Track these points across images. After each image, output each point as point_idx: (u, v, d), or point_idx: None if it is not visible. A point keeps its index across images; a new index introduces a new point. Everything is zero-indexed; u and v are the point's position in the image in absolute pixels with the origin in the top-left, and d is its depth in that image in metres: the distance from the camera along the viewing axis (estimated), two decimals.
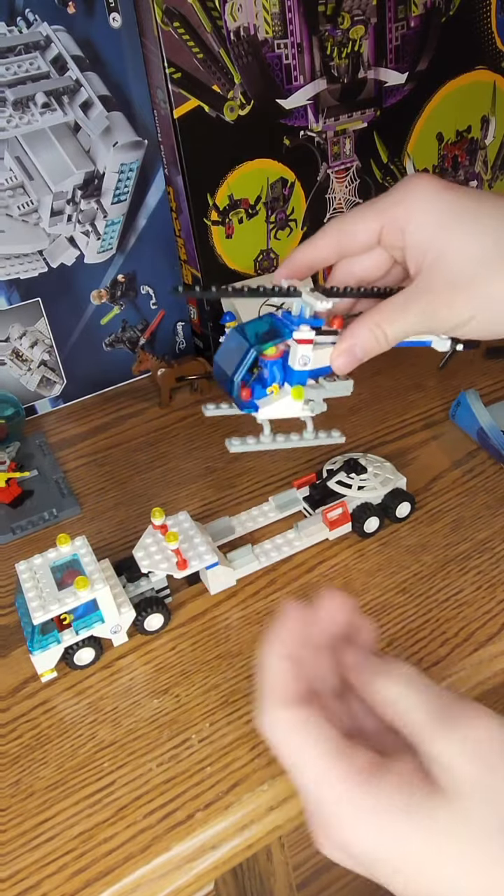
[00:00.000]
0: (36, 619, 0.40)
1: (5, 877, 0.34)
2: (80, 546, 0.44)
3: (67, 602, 0.40)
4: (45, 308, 0.65)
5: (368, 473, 0.51)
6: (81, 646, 0.42)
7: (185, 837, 0.34)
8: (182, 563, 0.44)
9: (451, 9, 0.68)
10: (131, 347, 0.72)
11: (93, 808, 0.36)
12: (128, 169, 0.63)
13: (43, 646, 0.41)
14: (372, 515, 0.49)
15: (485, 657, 0.41)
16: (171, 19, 0.56)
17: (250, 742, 0.38)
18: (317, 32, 0.62)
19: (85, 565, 0.43)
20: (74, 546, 0.44)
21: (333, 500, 0.50)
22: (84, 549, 0.44)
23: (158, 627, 0.45)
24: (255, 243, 0.69)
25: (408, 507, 0.51)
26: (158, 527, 0.46)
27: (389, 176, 0.74)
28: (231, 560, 0.48)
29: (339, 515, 0.49)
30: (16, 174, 0.59)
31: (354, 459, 0.51)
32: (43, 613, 0.40)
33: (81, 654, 0.43)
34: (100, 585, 0.41)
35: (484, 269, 0.33)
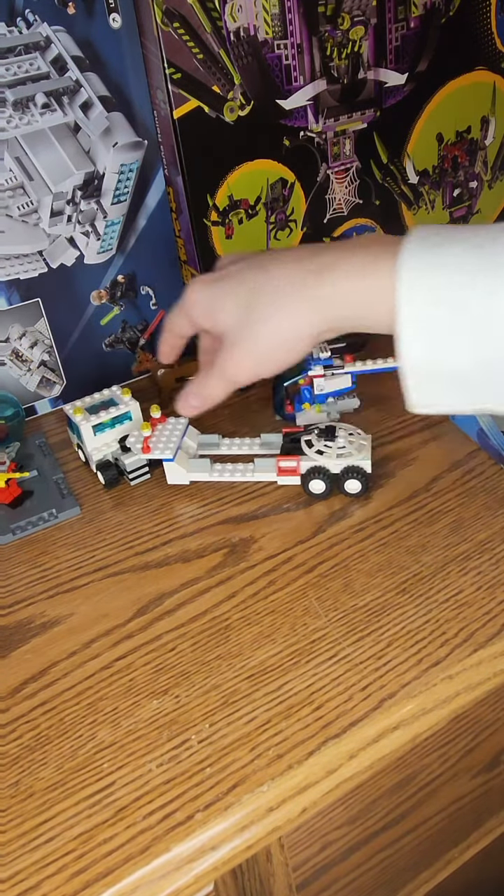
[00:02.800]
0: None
1: (5, 877, 0.34)
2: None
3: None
4: (45, 308, 0.65)
5: (335, 443, 0.54)
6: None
7: (184, 838, 0.34)
8: (146, 448, 0.55)
9: (451, 9, 0.68)
10: (131, 348, 0.72)
11: (92, 808, 0.36)
12: (128, 169, 0.63)
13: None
14: (319, 479, 0.53)
15: (485, 657, 0.41)
16: (171, 20, 0.56)
17: (250, 743, 0.38)
18: (317, 33, 0.62)
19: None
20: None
21: (297, 453, 0.55)
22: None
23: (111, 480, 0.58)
24: (255, 244, 0.69)
25: (357, 486, 0.53)
26: (156, 420, 0.57)
27: (389, 176, 0.74)
28: (190, 466, 0.56)
29: (289, 467, 0.54)
30: (16, 174, 0.59)
31: (335, 427, 0.56)
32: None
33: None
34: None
35: (242, 330, 0.45)
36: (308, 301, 0.43)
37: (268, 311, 0.44)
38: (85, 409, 0.58)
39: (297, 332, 0.44)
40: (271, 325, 0.44)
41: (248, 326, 0.45)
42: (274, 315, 0.44)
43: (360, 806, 0.57)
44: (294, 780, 0.36)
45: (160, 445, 0.56)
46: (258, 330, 0.44)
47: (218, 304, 0.46)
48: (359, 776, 0.37)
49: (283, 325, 0.44)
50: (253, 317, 0.44)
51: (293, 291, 0.43)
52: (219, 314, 0.46)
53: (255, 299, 0.44)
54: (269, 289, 0.44)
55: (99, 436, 0.58)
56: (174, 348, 0.54)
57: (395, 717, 0.38)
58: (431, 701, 0.39)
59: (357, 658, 0.41)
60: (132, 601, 0.48)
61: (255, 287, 0.45)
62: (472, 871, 0.71)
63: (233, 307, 0.45)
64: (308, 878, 0.57)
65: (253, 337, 0.45)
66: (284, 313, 0.43)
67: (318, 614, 0.44)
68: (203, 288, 0.47)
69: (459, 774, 0.63)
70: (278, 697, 0.40)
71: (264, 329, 0.44)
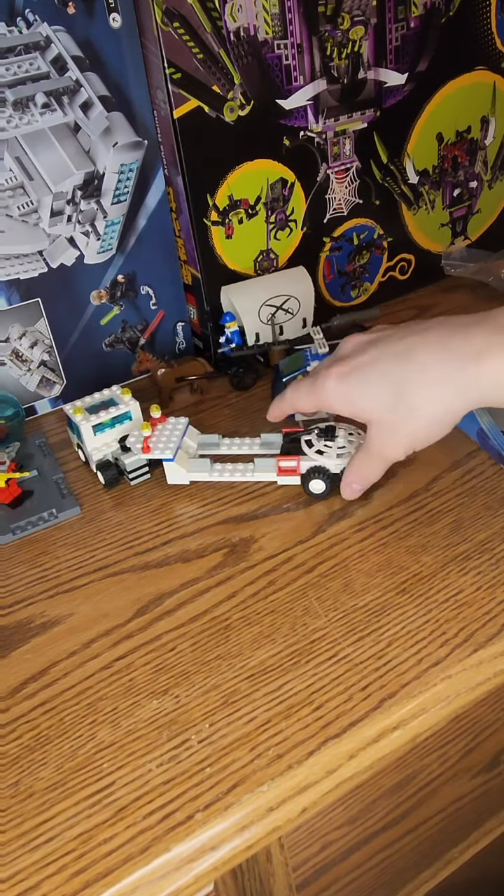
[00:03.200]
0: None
1: (5, 877, 0.34)
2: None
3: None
4: (45, 308, 0.65)
5: (335, 443, 0.54)
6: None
7: (184, 838, 0.34)
8: (146, 448, 0.55)
9: (451, 9, 0.68)
10: (131, 348, 0.72)
11: (92, 808, 0.36)
12: (128, 169, 0.63)
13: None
14: (319, 479, 0.53)
15: (485, 658, 0.41)
16: (171, 20, 0.56)
17: (250, 743, 0.38)
18: (317, 33, 0.62)
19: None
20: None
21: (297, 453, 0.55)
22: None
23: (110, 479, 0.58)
24: (255, 244, 0.69)
25: None
26: (156, 420, 0.57)
27: (389, 176, 0.74)
28: (190, 466, 0.56)
29: (289, 467, 0.54)
30: (16, 174, 0.59)
31: (334, 427, 0.55)
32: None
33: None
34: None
35: (394, 415, 0.46)
36: (466, 390, 0.43)
37: (422, 402, 0.45)
38: (85, 408, 0.58)
39: (456, 415, 0.45)
40: (427, 413, 0.45)
41: (402, 415, 0.46)
42: (428, 404, 0.44)
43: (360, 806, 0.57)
44: (294, 780, 0.36)
45: (160, 445, 0.56)
46: (414, 418, 0.45)
47: (360, 397, 0.47)
48: (359, 776, 0.37)
49: (438, 411, 0.45)
50: (404, 405, 0.45)
51: (449, 382, 0.43)
52: (362, 405, 0.47)
53: (407, 390, 0.45)
54: (420, 381, 0.44)
55: (99, 436, 0.58)
56: (285, 415, 0.56)
57: (395, 717, 0.38)
58: (431, 701, 0.39)
59: (357, 658, 0.41)
60: (132, 601, 0.48)
61: (404, 379, 0.45)
62: (472, 871, 0.71)
63: (378, 400, 0.46)
64: (308, 878, 0.57)
65: (408, 423, 0.46)
66: (441, 402, 0.44)
67: (318, 614, 0.44)
68: (340, 384, 0.48)
69: (459, 774, 0.63)
70: (278, 697, 0.40)
71: (420, 418, 0.45)
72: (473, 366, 0.42)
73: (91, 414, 0.58)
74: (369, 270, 0.78)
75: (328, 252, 0.74)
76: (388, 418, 0.46)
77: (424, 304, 0.80)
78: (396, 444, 0.47)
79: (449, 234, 0.82)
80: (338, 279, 0.76)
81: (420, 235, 0.79)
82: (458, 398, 0.44)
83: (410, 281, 0.82)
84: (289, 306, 0.68)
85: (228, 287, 0.68)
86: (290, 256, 0.72)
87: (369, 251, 0.77)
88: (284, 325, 0.69)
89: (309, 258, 0.73)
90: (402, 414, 0.46)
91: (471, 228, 0.83)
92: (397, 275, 0.81)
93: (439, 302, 0.80)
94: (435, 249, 0.82)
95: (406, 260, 0.80)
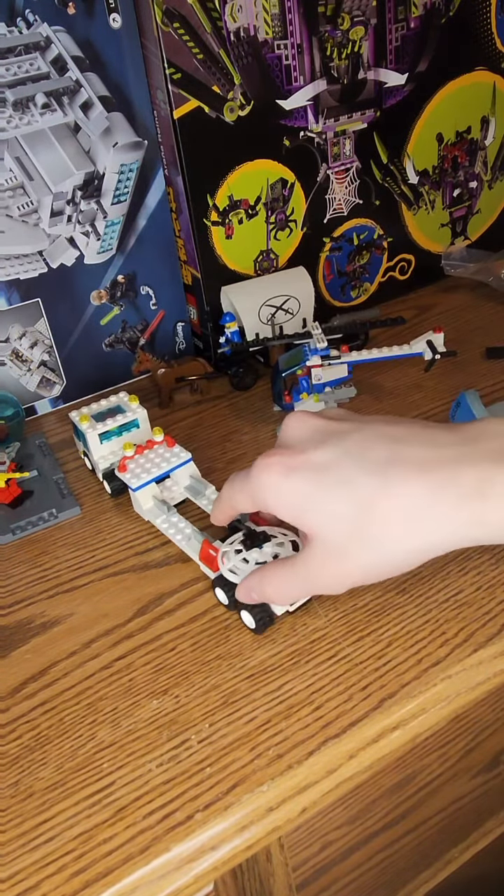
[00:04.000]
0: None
1: (5, 877, 0.34)
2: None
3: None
4: (45, 308, 0.65)
5: (254, 557, 0.44)
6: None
7: (184, 838, 0.34)
8: (122, 467, 0.53)
9: (451, 9, 0.68)
10: (131, 348, 0.72)
11: (92, 808, 0.36)
12: (128, 169, 0.63)
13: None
14: (222, 590, 0.45)
15: (485, 658, 0.41)
16: (171, 20, 0.56)
17: (250, 743, 0.38)
18: (317, 33, 0.62)
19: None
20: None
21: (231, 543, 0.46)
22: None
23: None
24: (255, 244, 0.69)
25: (251, 622, 0.43)
26: (153, 442, 0.55)
27: (389, 177, 0.74)
28: (148, 507, 0.53)
29: (212, 556, 0.46)
30: (16, 175, 0.59)
31: (265, 533, 0.45)
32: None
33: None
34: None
35: (349, 542, 0.37)
36: (465, 529, 0.35)
37: (398, 535, 0.36)
38: (91, 416, 0.58)
39: (438, 553, 0.37)
40: (399, 549, 0.37)
41: (362, 544, 0.37)
42: (406, 540, 0.36)
43: (360, 806, 0.57)
44: (294, 780, 0.36)
45: (137, 471, 0.53)
46: (378, 552, 0.37)
47: (308, 504, 0.37)
48: (359, 776, 0.37)
49: (417, 548, 0.37)
50: (369, 534, 0.36)
51: (441, 517, 0.35)
52: (310, 516, 0.38)
53: (376, 516, 0.36)
54: (397, 508, 0.36)
55: (105, 444, 0.57)
56: (230, 518, 0.46)
57: (394, 717, 0.38)
58: (431, 701, 0.39)
59: (357, 658, 0.41)
60: (132, 601, 0.48)
61: (373, 501, 0.36)
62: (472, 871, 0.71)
63: (332, 517, 0.37)
64: (308, 878, 0.57)
65: (367, 556, 0.37)
66: (425, 539, 0.36)
67: (317, 614, 0.44)
68: (283, 481, 0.38)
69: (459, 775, 0.63)
70: (278, 697, 0.40)
71: (388, 553, 0.37)
72: (477, 501, 0.35)
73: (98, 422, 0.57)
74: (369, 270, 0.78)
75: (328, 252, 0.74)
76: (341, 543, 0.37)
77: (424, 304, 0.80)
78: (342, 575, 0.38)
79: (449, 235, 0.82)
80: (338, 279, 0.76)
81: (420, 236, 0.79)
82: (450, 537, 0.36)
83: (410, 281, 0.82)
84: (289, 306, 0.68)
85: (228, 287, 0.68)
86: (290, 257, 0.72)
87: (369, 251, 0.77)
88: (284, 325, 0.69)
89: (309, 258, 0.73)
90: (364, 543, 0.37)
91: (471, 228, 0.83)
92: (397, 275, 0.81)
93: (439, 302, 0.80)
94: (435, 250, 0.82)
95: (406, 260, 0.80)
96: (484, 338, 0.72)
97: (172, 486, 0.55)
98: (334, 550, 0.37)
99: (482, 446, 0.36)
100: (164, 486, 0.55)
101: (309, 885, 0.58)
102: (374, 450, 0.37)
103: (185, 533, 0.51)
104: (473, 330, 0.74)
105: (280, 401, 0.63)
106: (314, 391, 0.61)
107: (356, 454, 0.37)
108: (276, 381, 0.63)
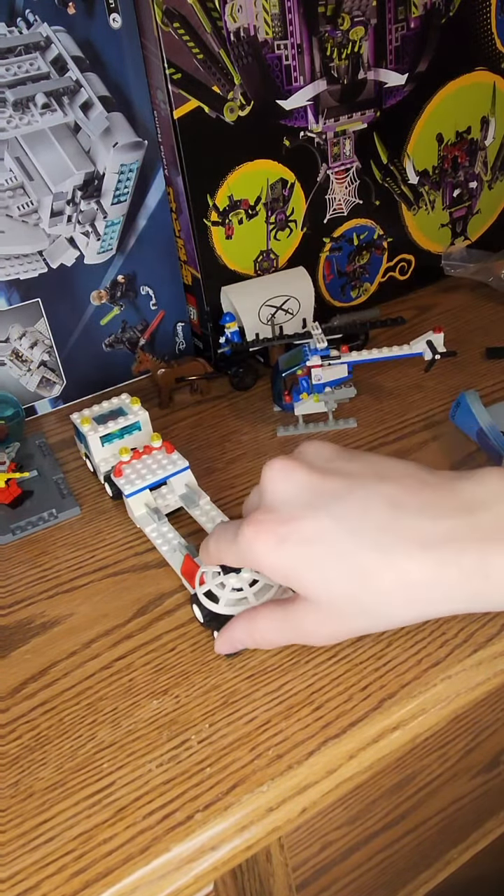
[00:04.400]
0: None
1: (5, 878, 0.34)
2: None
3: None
4: (45, 309, 0.65)
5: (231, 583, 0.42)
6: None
7: (184, 838, 0.34)
8: (117, 472, 0.53)
9: (451, 9, 0.68)
10: (131, 348, 0.72)
11: (92, 808, 0.36)
12: (128, 169, 0.63)
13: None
14: (199, 609, 0.44)
15: (485, 658, 0.41)
16: (171, 20, 0.56)
17: (250, 743, 0.38)
18: (317, 33, 0.62)
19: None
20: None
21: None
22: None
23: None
24: (255, 244, 0.69)
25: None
26: (150, 448, 0.54)
27: (389, 177, 0.74)
28: (139, 513, 0.53)
29: (191, 571, 0.46)
30: (16, 175, 0.59)
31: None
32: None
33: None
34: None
35: (344, 604, 0.36)
36: (464, 605, 0.36)
37: (398, 606, 0.36)
38: (93, 418, 0.57)
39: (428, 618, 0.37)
40: (400, 618, 0.37)
41: (364, 612, 0.37)
42: (406, 612, 0.36)
43: (359, 806, 0.57)
44: (294, 781, 0.36)
45: (132, 476, 0.52)
46: (379, 620, 0.37)
47: (306, 574, 0.36)
48: (359, 776, 0.37)
49: (417, 619, 0.37)
50: (371, 603, 0.36)
51: (442, 595, 0.35)
52: (308, 585, 0.37)
53: (379, 588, 0.35)
54: (399, 588, 0.35)
55: (107, 446, 0.57)
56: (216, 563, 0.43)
57: (394, 717, 0.38)
58: (431, 701, 0.39)
59: (357, 658, 0.41)
60: (132, 601, 0.48)
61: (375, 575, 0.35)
62: (471, 871, 0.71)
63: (329, 586, 0.36)
64: (308, 879, 0.57)
65: (369, 623, 0.38)
66: (423, 612, 0.36)
67: None
68: (274, 549, 0.37)
69: (459, 775, 0.63)
70: (278, 697, 0.40)
71: (387, 620, 0.37)
72: (479, 580, 0.34)
73: (99, 424, 0.56)
74: (369, 271, 0.78)
75: (328, 252, 0.74)
76: (338, 608, 0.37)
77: (424, 305, 0.80)
78: (336, 635, 0.39)
79: (449, 235, 0.82)
80: (338, 279, 0.76)
81: (420, 236, 0.79)
82: (450, 608, 0.36)
83: (410, 281, 0.82)
84: (289, 307, 0.68)
85: (228, 287, 0.68)
86: (290, 257, 0.72)
87: (369, 251, 0.77)
88: (284, 325, 0.69)
89: (309, 258, 0.73)
90: (362, 610, 0.36)
91: (471, 229, 0.83)
92: (397, 275, 0.81)
93: (439, 302, 0.80)
94: (435, 250, 0.82)
95: (406, 260, 0.80)
96: (484, 338, 0.72)
97: (168, 493, 0.54)
98: (331, 613, 0.37)
99: (482, 518, 0.35)
100: (158, 493, 0.54)
101: (309, 886, 0.58)
102: (370, 518, 0.36)
103: (171, 544, 0.50)
104: (473, 330, 0.74)
105: (280, 401, 0.63)
106: (314, 391, 0.61)
107: (351, 524, 0.36)
108: (276, 382, 0.63)
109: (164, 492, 0.54)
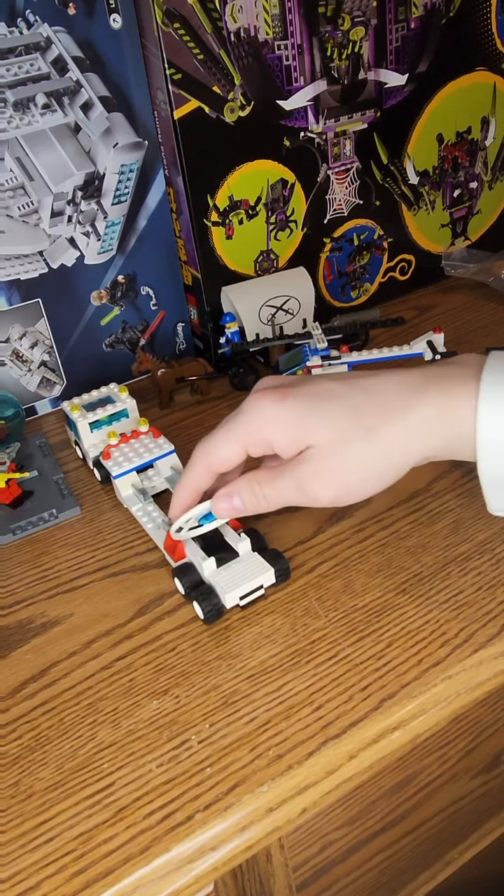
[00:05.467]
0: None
1: (5, 878, 0.34)
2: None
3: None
4: (46, 309, 0.65)
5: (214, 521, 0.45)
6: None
7: (184, 838, 0.34)
8: (106, 455, 0.55)
9: (451, 10, 0.68)
10: (131, 348, 0.72)
11: (92, 809, 0.36)
12: (128, 170, 0.63)
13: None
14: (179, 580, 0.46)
15: (485, 658, 0.41)
16: (172, 20, 0.56)
17: (250, 743, 0.38)
18: (317, 34, 0.62)
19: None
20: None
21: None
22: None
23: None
24: (256, 244, 0.69)
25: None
26: (138, 432, 0.56)
27: (389, 177, 0.74)
28: (127, 494, 0.55)
29: (172, 545, 0.48)
30: (16, 175, 0.59)
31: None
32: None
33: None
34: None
35: (338, 458, 0.40)
36: (419, 424, 0.39)
37: (388, 437, 0.40)
38: (82, 406, 0.59)
39: (406, 460, 0.41)
40: (396, 468, 0.41)
41: (364, 435, 0.40)
42: (390, 439, 0.40)
43: (359, 806, 0.57)
44: (294, 781, 0.36)
45: (120, 458, 0.55)
46: (371, 442, 0.40)
47: (310, 418, 0.40)
48: (359, 777, 0.37)
49: (399, 449, 0.40)
50: (362, 427, 0.40)
51: (423, 418, 0.39)
52: (313, 427, 0.40)
53: (363, 413, 0.40)
54: (385, 409, 0.40)
55: (95, 432, 0.59)
56: (195, 496, 0.46)
57: (395, 717, 0.38)
58: (431, 701, 0.39)
59: (357, 658, 0.41)
60: (132, 601, 0.48)
61: (359, 403, 0.40)
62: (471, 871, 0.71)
63: (333, 420, 0.40)
64: (308, 879, 0.57)
65: (362, 446, 0.40)
66: (399, 437, 0.40)
67: (318, 614, 0.44)
68: (281, 403, 0.41)
69: (459, 775, 0.63)
70: (278, 698, 0.40)
71: (377, 444, 0.40)
72: (463, 402, 0.38)
73: (88, 411, 0.58)
74: (369, 271, 0.78)
75: (328, 252, 0.74)
76: (341, 438, 0.40)
77: (424, 305, 0.80)
78: (337, 472, 0.41)
79: (449, 235, 0.82)
80: (338, 280, 0.76)
81: (420, 236, 0.80)
82: (427, 441, 0.40)
83: (410, 281, 0.82)
84: (289, 307, 0.68)
85: (228, 287, 0.68)
86: (291, 257, 0.72)
87: (369, 252, 0.77)
88: (284, 325, 0.69)
89: (309, 259, 0.73)
90: (363, 434, 0.40)
91: (471, 229, 0.83)
92: (397, 275, 0.81)
93: (439, 302, 0.80)
94: (435, 250, 0.82)
95: (406, 260, 0.80)
96: (484, 338, 0.72)
97: (154, 475, 0.56)
98: (335, 446, 0.40)
99: (447, 371, 0.40)
100: (145, 476, 0.56)
101: (309, 886, 0.58)
102: (353, 377, 0.42)
103: (156, 521, 0.53)
104: (473, 330, 0.74)
105: None
106: None
107: (339, 380, 0.42)
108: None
109: (150, 474, 0.56)
